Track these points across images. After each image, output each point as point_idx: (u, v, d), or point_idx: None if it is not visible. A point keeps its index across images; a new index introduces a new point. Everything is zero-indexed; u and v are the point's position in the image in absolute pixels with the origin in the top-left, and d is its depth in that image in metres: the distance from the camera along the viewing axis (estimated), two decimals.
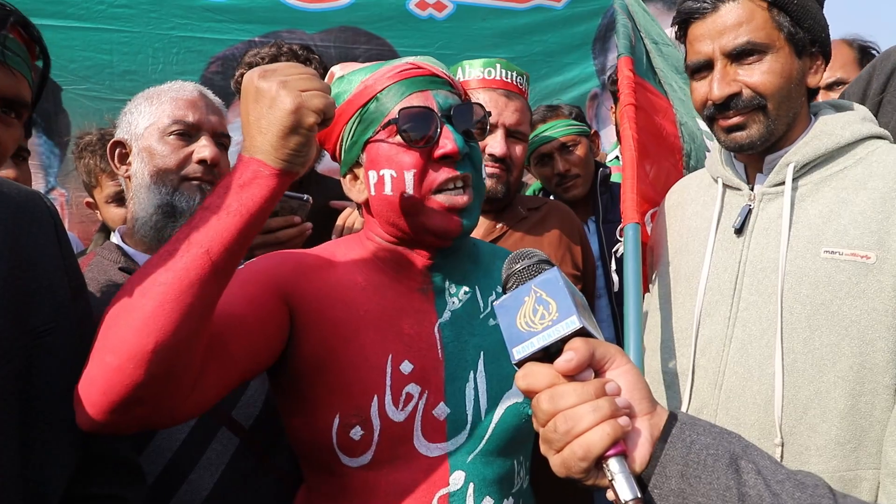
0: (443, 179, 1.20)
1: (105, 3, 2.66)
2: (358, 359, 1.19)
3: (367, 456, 1.18)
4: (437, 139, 1.19)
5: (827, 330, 1.37)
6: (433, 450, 1.20)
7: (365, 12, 3.10)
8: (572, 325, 0.80)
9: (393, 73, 1.22)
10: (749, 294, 1.48)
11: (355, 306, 1.22)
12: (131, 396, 0.92)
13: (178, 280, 0.93)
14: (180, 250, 0.95)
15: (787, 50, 1.45)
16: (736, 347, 1.47)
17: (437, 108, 1.20)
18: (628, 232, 1.68)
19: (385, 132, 1.21)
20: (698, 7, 1.49)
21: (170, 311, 0.91)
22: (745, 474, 0.76)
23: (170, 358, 0.92)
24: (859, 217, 1.39)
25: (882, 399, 1.34)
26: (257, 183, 0.98)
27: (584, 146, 2.72)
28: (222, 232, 0.96)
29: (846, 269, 1.37)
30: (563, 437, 0.77)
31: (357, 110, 1.23)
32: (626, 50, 1.96)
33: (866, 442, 1.35)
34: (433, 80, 1.24)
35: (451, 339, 1.26)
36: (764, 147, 1.50)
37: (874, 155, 1.45)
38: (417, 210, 1.21)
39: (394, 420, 1.18)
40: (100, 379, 0.93)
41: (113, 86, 2.68)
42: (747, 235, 1.52)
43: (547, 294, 0.82)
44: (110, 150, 1.66)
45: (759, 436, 1.41)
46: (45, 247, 1.18)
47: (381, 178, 1.22)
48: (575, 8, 3.44)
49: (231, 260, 0.97)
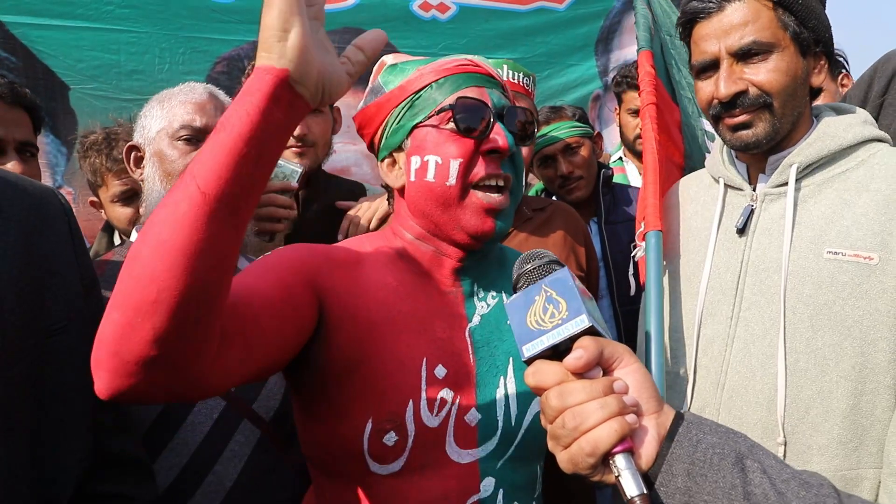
0: (486, 174, 1.19)
1: (113, 3, 2.67)
2: (393, 362, 1.15)
3: (399, 463, 1.15)
4: (489, 133, 1.19)
5: (829, 330, 1.38)
6: (464, 456, 1.18)
7: (368, 13, 3.11)
8: (582, 324, 0.81)
9: (451, 66, 1.22)
10: (751, 294, 1.49)
11: (388, 307, 1.19)
12: (143, 355, 0.81)
13: (170, 219, 0.81)
14: (179, 183, 0.83)
15: (792, 49, 1.46)
16: (738, 347, 1.48)
17: (490, 104, 1.20)
18: (650, 240, 1.65)
19: (437, 118, 1.20)
20: (704, 7, 1.50)
21: (165, 254, 0.79)
22: (751, 473, 0.77)
23: (178, 310, 0.80)
24: (862, 218, 1.40)
25: (883, 399, 1.35)
26: (258, 87, 0.83)
27: (588, 148, 2.73)
28: (215, 156, 0.81)
29: (849, 269, 1.38)
30: (571, 434, 0.78)
31: (409, 95, 1.22)
32: (647, 43, 1.89)
33: (867, 441, 1.36)
34: (489, 80, 1.24)
35: (482, 345, 1.24)
36: (769, 146, 1.51)
37: (875, 157, 1.46)
38: (455, 203, 1.20)
39: (429, 426, 1.15)
40: (108, 338, 0.82)
41: (120, 85, 2.69)
42: (749, 235, 1.53)
43: (557, 293, 0.84)
44: (126, 154, 1.69)
45: (762, 435, 1.42)
46: (59, 244, 1.18)
47: (424, 164, 1.20)
48: (577, 9, 3.44)
49: (228, 191, 0.81)
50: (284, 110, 0.84)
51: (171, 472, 1.48)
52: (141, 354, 0.81)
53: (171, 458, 1.48)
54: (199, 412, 1.51)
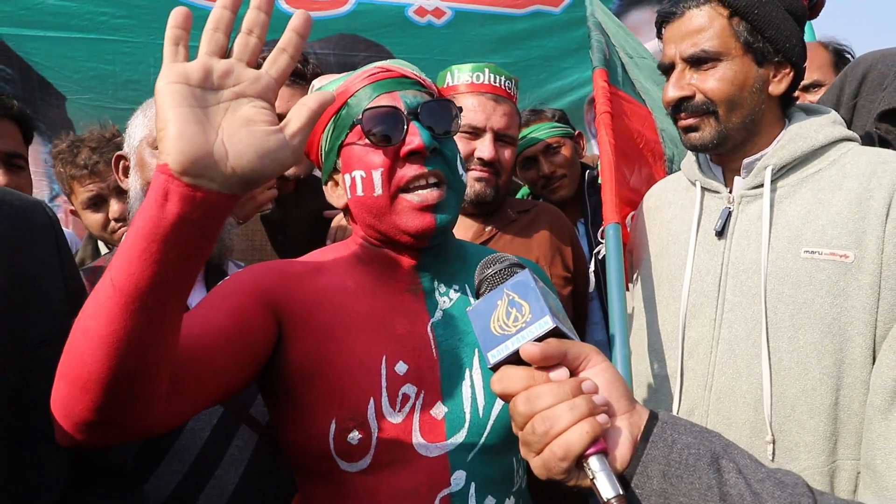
0: (410, 176, 1.19)
1: (107, 14, 2.69)
2: (351, 362, 1.17)
3: (366, 460, 1.16)
4: (404, 136, 1.19)
5: (810, 328, 1.39)
6: (433, 450, 1.18)
7: (364, 20, 3.12)
8: (545, 326, 0.79)
9: (362, 78, 1.24)
10: (733, 295, 1.50)
11: (345, 309, 1.21)
12: (88, 420, 0.85)
13: (92, 308, 0.82)
14: (104, 274, 0.83)
15: (742, 58, 1.49)
16: (723, 348, 1.49)
17: (404, 107, 1.21)
18: (609, 232, 1.70)
19: (354, 134, 1.22)
20: (670, 11, 1.56)
21: (89, 341, 0.81)
22: (727, 473, 0.76)
23: (109, 388, 0.82)
24: (836, 217, 1.41)
25: (859, 393, 1.37)
26: (153, 186, 0.79)
27: (569, 147, 2.72)
28: (123, 252, 0.80)
29: (826, 268, 1.39)
30: (542, 439, 0.76)
31: (331, 117, 1.25)
32: (601, 63, 2.02)
33: (845, 434, 1.38)
34: (402, 82, 1.25)
35: (445, 338, 1.25)
36: (721, 149, 1.55)
37: (847, 157, 1.48)
38: (388, 210, 1.21)
39: (392, 422, 1.16)
40: (58, 403, 0.87)
41: (116, 95, 2.71)
42: (728, 238, 1.54)
43: (519, 297, 0.82)
44: (115, 164, 1.69)
45: (751, 434, 1.44)
46: (44, 257, 1.16)
47: (353, 180, 1.23)
48: (573, 13, 3.45)
49: (137, 286, 0.79)
50: (184, 205, 0.77)
51: (173, 478, 1.49)
52: (86, 419, 0.86)
53: (174, 463, 1.49)
54: (199, 418, 1.52)
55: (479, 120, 1.99)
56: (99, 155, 2.34)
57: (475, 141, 2.01)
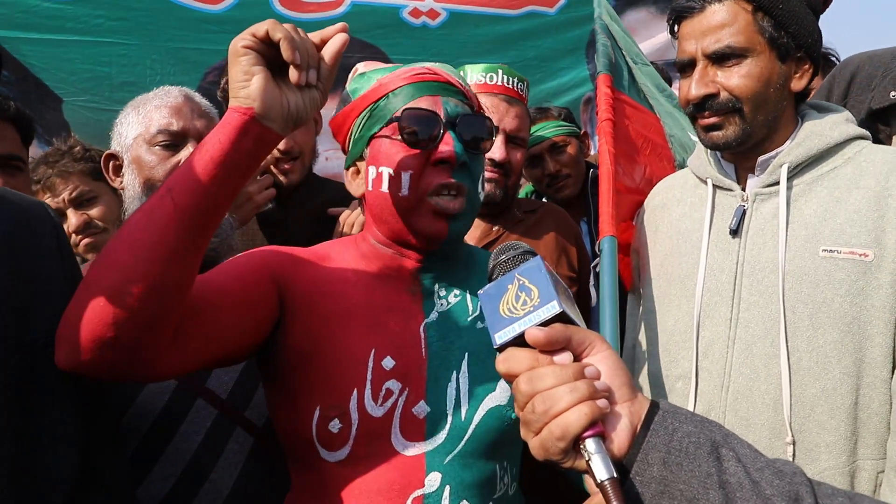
0: (437, 184, 1.21)
1: (103, 16, 2.69)
2: (341, 351, 1.20)
3: (345, 451, 1.18)
4: (438, 143, 1.20)
5: (830, 328, 1.39)
6: (410, 448, 1.19)
7: (359, 21, 3.12)
8: (552, 310, 0.81)
9: (408, 75, 1.24)
10: (749, 295, 1.49)
11: (343, 300, 1.24)
12: (101, 336, 0.95)
13: (145, 222, 0.96)
14: (158, 192, 0.99)
15: (767, 54, 1.47)
16: (740, 349, 1.48)
17: (443, 114, 1.22)
18: (604, 246, 1.67)
19: (388, 129, 1.23)
20: (688, 6, 1.52)
21: (138, 250, 0.95)
22: (726, 462, 0.77)
23: (140, 299, 0.94)
24: (855, 216, 1.41)
25: (879, 392, 1.37)
26: (229, 121, 0.99)
27: (575, 146, 2.73)
28: (189, 173, 0.97)
29: (845, 267, 1.39)
30: (541, 418, 0.77)
31: (368, 105, 1.25)
32: (605, 68, 1.96)
33: (865, 434, 1.38)
34: (446, 87, 1.25)
35: (436, 339, 1.26)
36: (742, 148, 1.52)
37: (862, 155, 1.48)
38: (409, 211, 1.23)
39: (372, 415, 1.18)
40: (73, 316, 0.97)
41: (112, 97, 2.70)
42: (743, 236, 1.52)
43: (529, 281, 0.84)
44: (104, 163, 1.66)
45: (770, 435, 1.43)
46: (46, 258, 1.16)
47: (379, 175, 1.24)
48: (568, 13, 3.46)
49: (196, 202, 0.97)
50: (253, 140, 1.00)
51: (167, 482, 1.48)
52: (99, 335, 0.95)
53: (167, 467, 1.47)
54: (192, 421, 1.50)
55: (497, 131, 1.97)
56: (53, 168, 2.30)
57: None
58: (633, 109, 2.06)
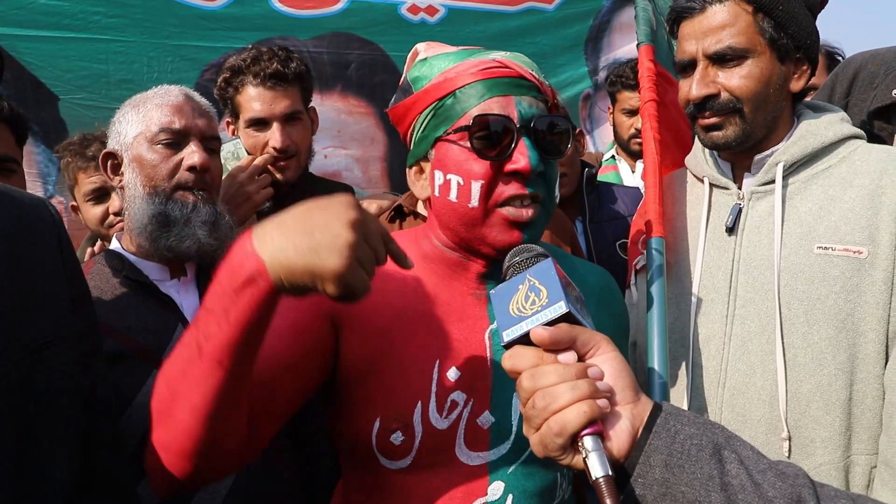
0: (510, 195, 1.12)
1: (100, 13, 2.67)
2: (404, 363, 1.15)
3: (407, 460, 1.15)
4: (511, 153, 1.11)
5: (825, 324, 1.40)
6: (474, 458, 1.17)
7: (357, 18, 3.11)
8: (559, 310, 0.83)
9: (477, 70, 1.13)
10: (745, 292, 1.50)
11: (404, 310, 1.18)
12: (192, 474, 1.01)
13: (198, 392, 0.94)
14: (197, 360, 0.94)
15: (768, 55, 1.48)
16: (736, 345, 1.49)
17: (517, 117, 1.11)
18: (651, 245, 1.58)
19: (457, 135, 1.14)
20: (689, 6, 1.52)
21: (199, 418, 0.95)
22: (728, 464, 0.77)
23: (215, 443, 0.98)
24: (849, 213, 1.42)
25: (872, 388, 1.39)
26: (254, 289, 0.89)
27: None
28: (227, 341, 0.91)
29: (839, 264, 1.40)
30: (542, 413, 0.79)
31: (433, 102, 1.15)
32: (647, 37, 1.77)
33: (858, 429, 1.40)
34: (519, 84, 1.14)
35: (501, 347, 1.23)
36: (741, 148, 1.53)
37: (856, 154, 1.49)
38: (479, 222, 1.14)
39: (437, 427, 1.15)
40: (159, 469, 1.03)
41: (109, 95, 2.68)
42: (739, 234, 1.54)
43: (539, 282, 0.87)
44: (102, 162, 1.65)
45: (766, 431, 1.44)
46: (46, 257, 1.15)
47: (447, 182, 1.15)
48: (566, 10, 3.45)
49: (245, 360, 0.95)
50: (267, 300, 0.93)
51: None
52: (192, 473, 1.01)
53: None
54: None
55: (576, 131, 1.91)
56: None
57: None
58: (671, 86, 1.84)
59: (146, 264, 1.59)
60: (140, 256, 1.60)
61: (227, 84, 2.20)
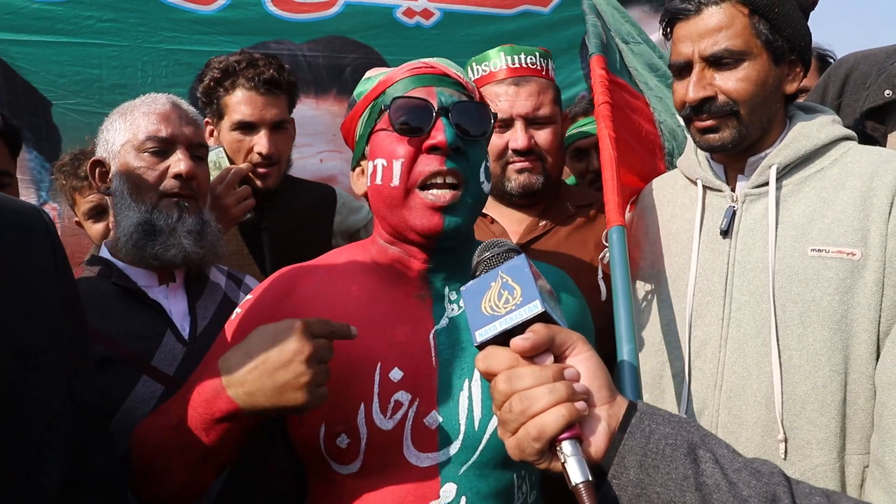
0: (429, 172, 1.17)
1: (93, 17, 2.66)
2: (344, 368, 1.16)
3: (356, 464, 1.17)
4: (429, 131, 1.17)
5: (819, 326, 1.40)
6: (423, 460, 1.17)
7: (353, 22, 3.11)
8: (534, 310, 0.80)
9: (405, 71, 1.23)
10: (741, 294, 1.50)
11: (345, 316, 1.19)
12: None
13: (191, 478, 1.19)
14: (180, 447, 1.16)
15: (764, 57, 1.47)
16: (732, 347, 1.49)
17: (437, 102, 1.19)
18: (612, 235, 1.60)
19: (383, 122, 1.21)
20: (683, 8, 1.51)
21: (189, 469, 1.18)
22: (703, 463, 0.77)
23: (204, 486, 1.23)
24: (842, 215, 1.42)
25: (865, 388, 1.39)
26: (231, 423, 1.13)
27: None
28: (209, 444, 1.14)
29: (833, 266, 1.40)
30: (519, 418, 0.77)
31: (369, 103, 1.24)
32: (598, 49, 1.88)
33: (852, 429, 1.40)
34: (441, 79, 1.23)
35: (447, 347, 1.22)
36: (737, 150, 1.53)
37: (848, 156, 1.49)
38: (401, 203, 1.19)
39: (381, 428, 1.16)
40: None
41: (103, 100, 2.67)
42: (733, 236, 1.53)
43: (513, 280, 0.84)
44: (90, 169, 1.65)
45: (763, 433, 1.45)
46: (40, 264, 1.14)
47: (374, 169, 1.22)
48: (562, 13, 3.45)
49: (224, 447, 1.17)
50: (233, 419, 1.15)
51: None
52: None
53: None
54: None
55: (503, 110, 1.86)
56: None
57: (507, 132, 1.89)
58: (625, 93, 1.97)
59: (134, 270, 1.58)
60: (128, 263, 1.59)
61: (216, 83, 2.18)
